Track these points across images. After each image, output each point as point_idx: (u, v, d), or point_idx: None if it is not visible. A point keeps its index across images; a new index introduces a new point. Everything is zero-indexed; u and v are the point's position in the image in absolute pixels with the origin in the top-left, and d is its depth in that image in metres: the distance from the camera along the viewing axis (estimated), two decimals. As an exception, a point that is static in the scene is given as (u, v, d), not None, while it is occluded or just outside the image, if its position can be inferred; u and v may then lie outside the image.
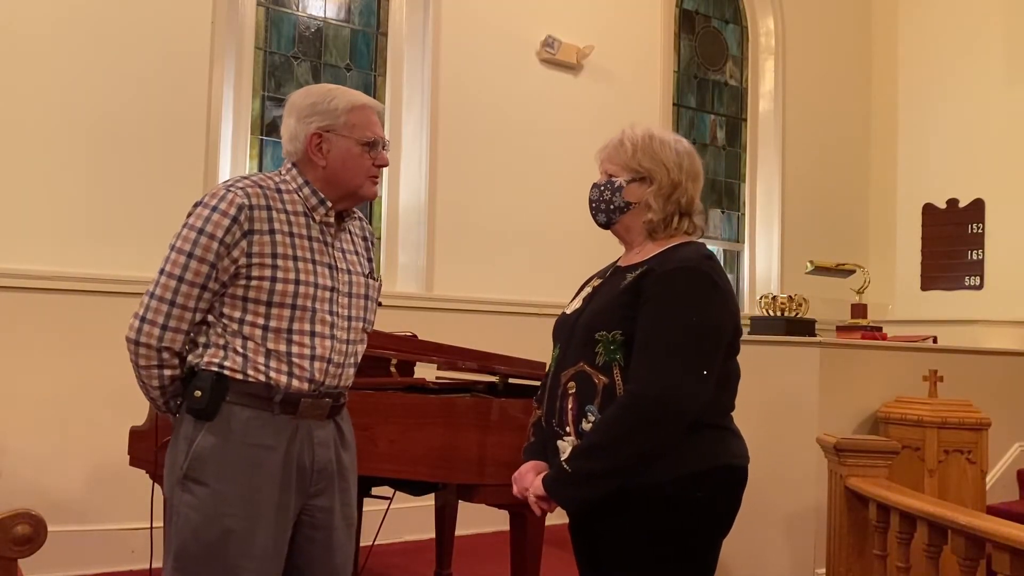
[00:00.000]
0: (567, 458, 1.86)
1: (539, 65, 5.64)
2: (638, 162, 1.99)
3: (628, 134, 2.03)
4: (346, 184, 1.98)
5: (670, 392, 1.79)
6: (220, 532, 1.84)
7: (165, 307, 1.88)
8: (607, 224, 2.05)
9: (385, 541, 4.09)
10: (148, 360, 1.91)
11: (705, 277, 1.88)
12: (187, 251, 1.86)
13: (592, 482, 1.83)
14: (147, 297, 1.90)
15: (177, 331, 1.89)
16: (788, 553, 3.84)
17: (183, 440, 1.90)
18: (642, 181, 1.99)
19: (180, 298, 1.87)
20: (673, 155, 2.00)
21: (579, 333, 1.93)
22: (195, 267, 1.86)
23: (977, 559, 2.48)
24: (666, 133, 2.05)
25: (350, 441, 2.08)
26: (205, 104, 4.50)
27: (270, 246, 1.88)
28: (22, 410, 3.96)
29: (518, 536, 2.94)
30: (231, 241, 1.86)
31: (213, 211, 1.87)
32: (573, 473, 1.83)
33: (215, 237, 1.85)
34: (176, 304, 1.87)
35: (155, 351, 1.90)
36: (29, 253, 4.02)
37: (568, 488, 1.86)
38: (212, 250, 1.85)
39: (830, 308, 5.51)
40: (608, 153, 2.05)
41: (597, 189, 2.04)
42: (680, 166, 1.99)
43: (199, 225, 1.87)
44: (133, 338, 1.91)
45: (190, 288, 1.87)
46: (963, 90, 6.16)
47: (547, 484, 1.88)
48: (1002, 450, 4.45)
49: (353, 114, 1.97)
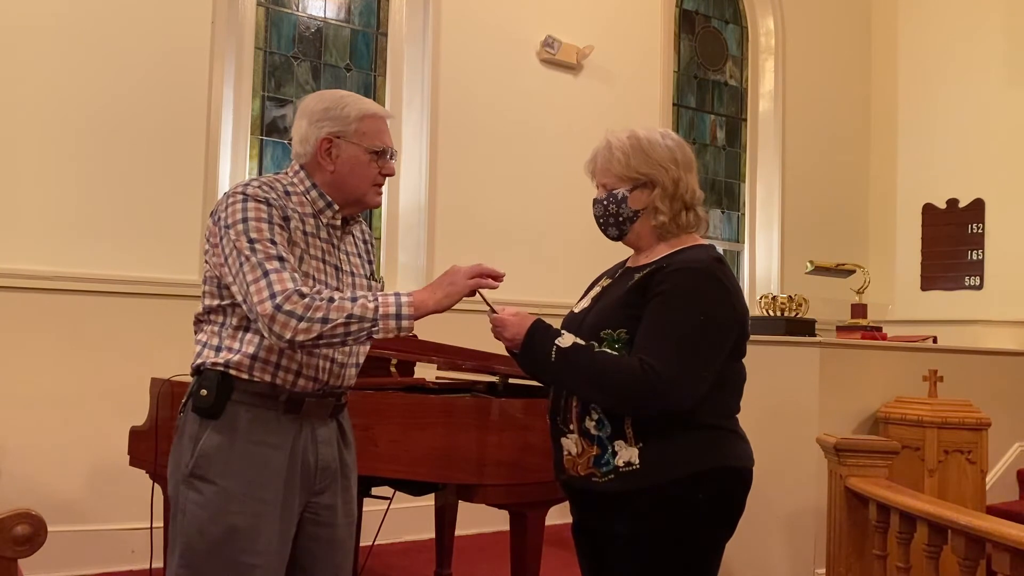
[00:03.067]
0: (564, 348, 1.85)
1: (539, 65, 5.64)
2: (635, 170, 1.97)
3: (615, 142, 2.00)
4: (352, 191, 2.00)
5: (673, 382, 1.79)
6: (226, 529, 1.85)
7: (276, 263, 1.80)
8: (619, 236, 2.05)
9: (385, 541, 4.09)
10: (310, 315, 1.76)
11: (713, 278, 1.89)
12: (248, 237, 1.82)
13: (552, 374, 1.90)
14: (252, 284, 1.79)
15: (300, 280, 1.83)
16: (788, 553, 3.84)
17: (188, 439, 1.91)
18: (644, 187, 1.98)
19: (282, 252, 1.83)
20: (665, 152, 1.99)
21: (586, 331, 1.93)
22: (263, 232, 1.83)
23: (977, 559, 2.48)
24: (651, 132, 2.03)
25: (351, 440, 2.11)
26: (205, 104, 4.50)
27: (295, 237, 1.91)
28: (22, 410, 3.96)
29: (518, 536, 2.94)
30: (278, 220, 1.86)
31: (244, 202, 1.86)
32: (555, 360, 1.85)
33: (261, 218, 1.85)
34: (283, 259, 1.82)
35: (302, 298, 1.78)
36: (29, 253, 4.02)
37: (538, 358, 1.89)
38: (264, 228, 1.83)
39: (830, 308, 5.51)
40: (600, 165, 2.03)
41: (601, 205, 2.03)
42: (676, 161, 1.99)
43: (240, 216, 1.85)
44: (277, 305, 1.75)
45: (268, 246, 1.83)
46: (963, 90, 6.16)
47: (529, 337, 1.89)
48: (1002, 450, 4.45)
49: (364, 122, 1.98)
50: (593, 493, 1.92)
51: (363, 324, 1.79)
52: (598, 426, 1.89)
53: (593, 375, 1.83)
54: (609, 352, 1.85)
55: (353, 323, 1.78)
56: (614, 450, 1.87)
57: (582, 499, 1.99)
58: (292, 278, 1.80)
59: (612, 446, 1.87)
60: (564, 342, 1.86)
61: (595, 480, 1.90)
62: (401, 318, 1.80)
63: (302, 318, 1.76)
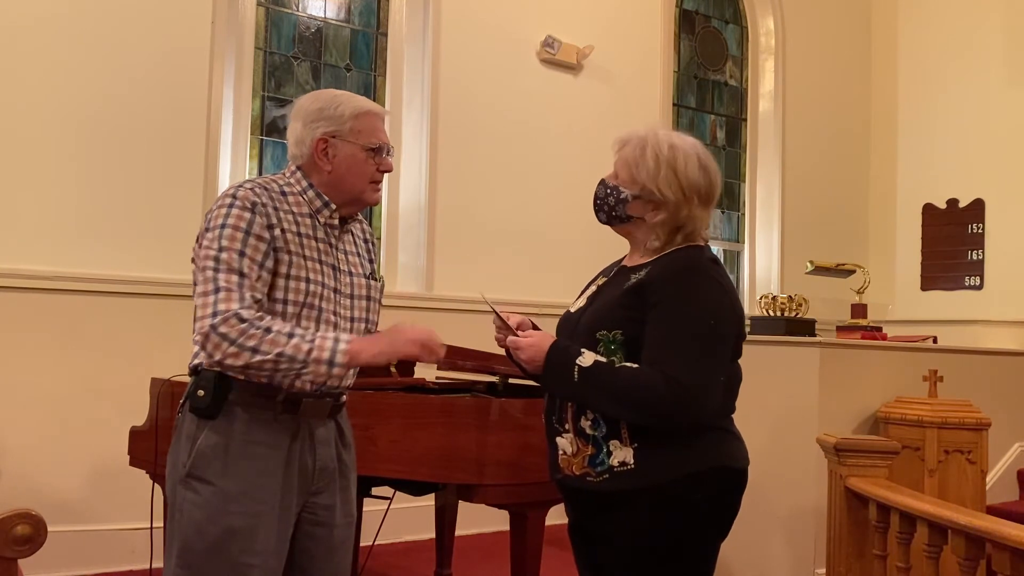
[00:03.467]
0: (586, 367, 1.83)
1: (539, 65, 5.64)
2: (656, 185, 1.91)
3: (653, 143, 1.93)
4: (350, 189, 2.00)
5: (697, 391, 1.80)
6: (223, 530, 1.85)
7: (235, 278, 1.81)
8: (607, 223, 2.05)
9: (385, 541, 4.09)
10: (241, 338, 1.78)
11: (714, 281, 1.89)
12: (221, 246, 1.82)
13: (574, 395, 1.88)
14: (202, 296, 1.80)
15: (255, 302, 1.82)
16: (788, 553, 3.84)
17: (186, 439, 1.91)
18: (650, 202, 1.94)
19: (244, 267, 1.82)
20: (694, 183, 1.92)
21: (581, 332, 1.93)
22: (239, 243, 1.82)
23: (977, 559, 2.48)
24: (692, 152, 1.94)
25: (350, 440, 2.10)
26: (205, 104, 4.50)
27: (282, 242, 1.90)
28: (22, 410, 3.96)
29: (518, 536, 2.94)
30: (260, 231, 1.85)
31: (231, 207, 1.86)
32: (577, 381, 1.83)
33: (239, 228, 1.84)
34: (244, 275, 1.82)
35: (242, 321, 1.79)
36: (28, 253, 4.02)
37: (559, 379, 1.87)
38: (238, 239, 1.83)
39: (830, 308, 5.51)
40: (628, 155, 1.97)
41: (604, 188, 2.01)
42: (699, 194, 1.93)
43: (220, 221, 1.85)
44: (211, 326, 1.77)
45: (239, 259, 1.82)
46: (963, 90, 6.16)
47: (548, 361, 1.87)
48: (1002, 450, 4.45)
49: (359, 120, 1.98)
50: (588, 493, 1.92)
51: (293, 364, 1.79)
52: (593, 426, 1.89)
53: (618, 393, 1.81)
54: (629, 366, 1.83)
55: (283, 362, 1.78)
56: (609, 450, 1.87)
57: (577, 498, 1.99)
58: (241, 297, 1.79)
59: (607, 446, 1.87)
60: (585, 361, 1.84)
61: (590, 480, 1.90)
62: (333, 364, 1.81)
63: (234, 342, 1.77)
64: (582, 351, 1.86)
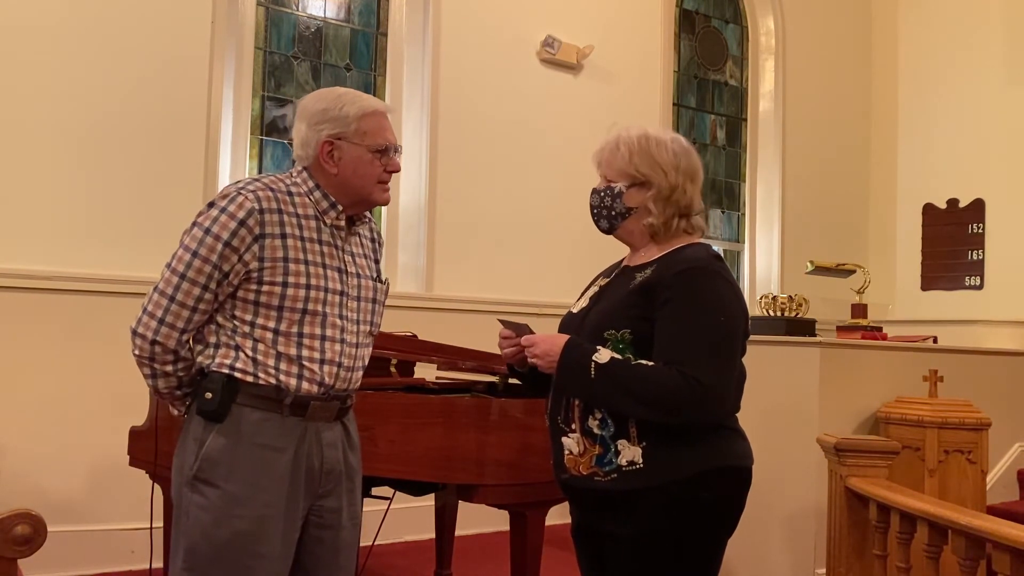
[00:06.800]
0: (603, 364, 1.83)
1: (539, 65, 5.64)
2: (635, 167, 1.97)
3: (623, 137, 2.01)
4: (357, 191, 1.98)
5: (717, 390, 1.81)
6: (230, 533, 1.85)
7: (165, 302, 1.88)
8: (609, 230, 2.05)
9: (385, 541, 4.09)
10: (142, 352, 1.92)
11: (720, 276, 1.90)
12: (192, 249, 1.87)
13: (590, 392, 1.86)
14: (152, 291, 1.91)
15: (173, 327, 1.89)
16: (788, 553, 3.83)
17: (192, 441, 1.90)
18: (641, 186, 1.98)
19: (180, 295, 1.87)
20: (670, 156, 1.98)
21: (588, 331, 1.93)
22: (198, 266, 1.86)
23: (977, 559, 2.48)
24: (662, 132, 2.03)
25: (356, 442, 2.09)
26: (205, 104, 4.50)
27: (281, 250, 1.88)
28: (22, 410, 3.95)
29: (518, 536, 2.94)
30: (239, 244, 1.86)
31: (222, 212, 1.87)
32: (594, 378, 1.83)
33: (220, 238, 1.85)
34: (175, 300, 1.88)
35: (148, 344, 1.90)
36: (29, 253, 4.02)
37: (575, 376, 1.86)
38: (216, 251, 1.85)
39: (830, 308, 5.51)
40: (605, 157, 2.03)
41: (597, 195, 2.04)
42: (677, 167, 1.98)
43: (206, 225, 1.88)
44: (133, 327, 1.93)
45: (191, 286, 1.87)
46: (963, 90, 6.16)
47: (565, 356, 1.87)
48: (1002, 450, 4.45)
49: (364, 121, 1.95)
50: (595, 492, 1.91)
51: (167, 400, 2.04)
52: (601, 425, 1.89)
53: (637, 391, 1.81)
54: (646, 364, 1.84)
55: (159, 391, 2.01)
56: (617, 449, 1.87)
57: (583, 499, 1.99)
58: (179, 316, 1.88)
59: (615, 445, 1.87)
60: (602, 358, 1.84)
61: (597, 479, 1.89)
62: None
63: (138, 358, 1.94)
64: (598, 348, 1.87)
